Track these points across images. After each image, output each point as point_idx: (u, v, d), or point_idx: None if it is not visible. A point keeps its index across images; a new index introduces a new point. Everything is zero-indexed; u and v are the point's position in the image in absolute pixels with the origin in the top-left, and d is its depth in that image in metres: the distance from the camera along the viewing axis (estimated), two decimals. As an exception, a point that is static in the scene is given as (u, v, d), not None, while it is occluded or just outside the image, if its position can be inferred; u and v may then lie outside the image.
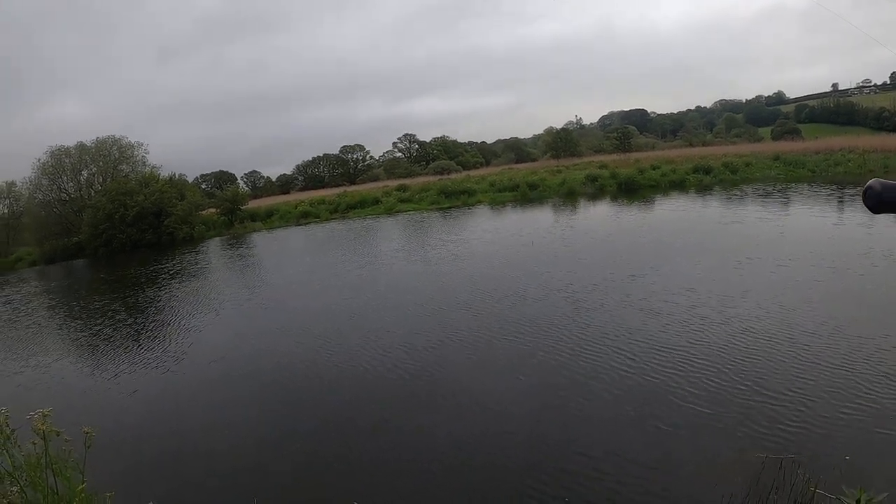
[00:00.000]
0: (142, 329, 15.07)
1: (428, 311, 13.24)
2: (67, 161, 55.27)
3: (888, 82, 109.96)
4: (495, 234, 24.70)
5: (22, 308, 22.95)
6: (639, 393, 7.75)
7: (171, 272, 26.36)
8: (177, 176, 52.76)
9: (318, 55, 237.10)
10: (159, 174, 52.39)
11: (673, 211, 26.83)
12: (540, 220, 29.23)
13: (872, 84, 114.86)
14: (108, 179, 53.74)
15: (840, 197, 26.83)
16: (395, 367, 9.91)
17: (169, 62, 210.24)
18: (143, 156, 57.41)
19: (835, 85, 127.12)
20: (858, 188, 29.63)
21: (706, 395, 7.46)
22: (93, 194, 52.48)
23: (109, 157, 56.37)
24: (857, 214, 19.75)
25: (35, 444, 3.55)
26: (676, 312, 10.96)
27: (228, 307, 16.32)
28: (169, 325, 15.23)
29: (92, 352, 13.87)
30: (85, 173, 56.12)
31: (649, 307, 11.44)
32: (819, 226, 19.08)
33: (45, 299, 24.98)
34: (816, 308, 10.39)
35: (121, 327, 15.64)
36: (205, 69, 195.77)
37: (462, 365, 9.69)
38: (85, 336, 15.56)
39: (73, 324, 17.56)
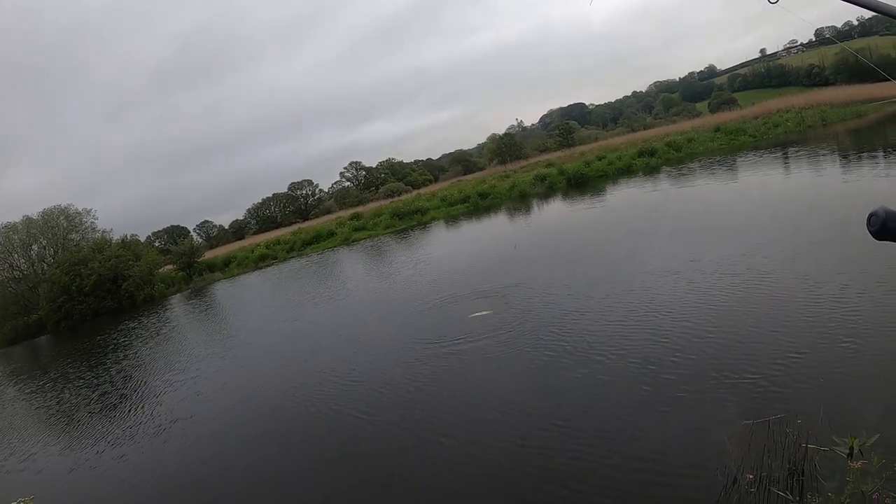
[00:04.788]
0: (112, 399, 15.01)
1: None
2: (16, 237, 54.27)
3: (813, 39, 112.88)
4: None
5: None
6: (611, 381, 7.83)
7: (134, 336, 26.37)
8: (129, 237, 52.32)
9: (267, 93, 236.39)
10: (111, 238, 52.04)
11: (610, 203, 27.58)
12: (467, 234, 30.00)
13: (799, 44, 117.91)
14: (60, 251, 53.02)
15: (784, 157, 28.33)
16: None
17: (120, 119, 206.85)
18: (92, 222, 56.86)
19: (763, 50, 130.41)
20: (799, 147, 31.16)
21: (679, 374, 7.47)
22: (46, 268, 51.70)
23: (58, 227, 55.57)
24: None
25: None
26: (637, 295, 11.36)
27: (200, 364, 16.28)
28: (138, 390, 15.17)
29: (67, 429, 13.78)
30: (35, 247, 55.19)
31: (614, 292, 11.94)
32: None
33: (9, 384, 24.76)
34: (772, 267, 10.86)
35: (91, 400, 15.53)
36: (156, 121, 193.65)
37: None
38: (56, 414, 15.52)
39: (42, 403, 17.46)
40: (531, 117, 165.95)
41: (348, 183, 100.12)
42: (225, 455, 9.46)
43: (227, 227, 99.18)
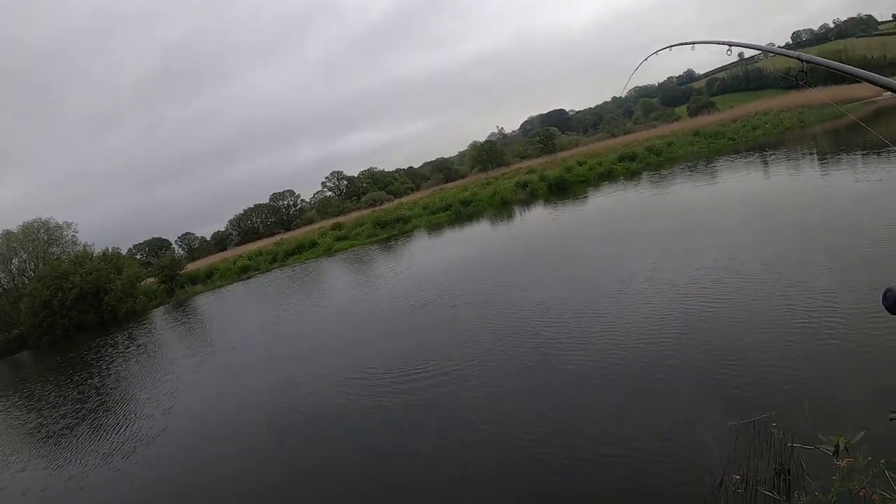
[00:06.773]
0: (70, 420, 14.69)
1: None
2: (-5, 252, 53.84)
3: (790, 42, 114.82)
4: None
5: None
6: (592, 388, 7.79)
7: (104, 354, 25.81)
8: (110, 250, 51.60)
9: (249, 106, 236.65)
10: (92, 251, 51.36)
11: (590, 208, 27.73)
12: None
13: (776, 47, 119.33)
14: (41, 265, 52.41)
15: (762, 160, 28.46)
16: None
17: (102, 132, 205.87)
18: (73, 235, 56.47)
19: (741, 54, 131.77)
20: (777, 150, 31.43)
21: (661, 377, 7.48)
22: (27, 282, 51.10)
23: (38, 241, 55.09)
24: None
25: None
26: (614, 297, 11.42)
27: (159, 386, 15.93)
28: (97, 411, 14.85)
29: (26, 450, 13.52)
30: (15, 261, 54.72)
31: (591, 297, 11.86)
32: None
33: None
34: (750, 268, 10.87)
35: (52, 420, 15.27)
36: (138, 134, 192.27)
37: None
38: (18, 434, 15.34)
39: (9, 423, 17.11)
40: (512, 124, 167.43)
41: (330, 193, 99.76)
42: (175, 480, 9.34)
43: (209, 239, 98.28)
